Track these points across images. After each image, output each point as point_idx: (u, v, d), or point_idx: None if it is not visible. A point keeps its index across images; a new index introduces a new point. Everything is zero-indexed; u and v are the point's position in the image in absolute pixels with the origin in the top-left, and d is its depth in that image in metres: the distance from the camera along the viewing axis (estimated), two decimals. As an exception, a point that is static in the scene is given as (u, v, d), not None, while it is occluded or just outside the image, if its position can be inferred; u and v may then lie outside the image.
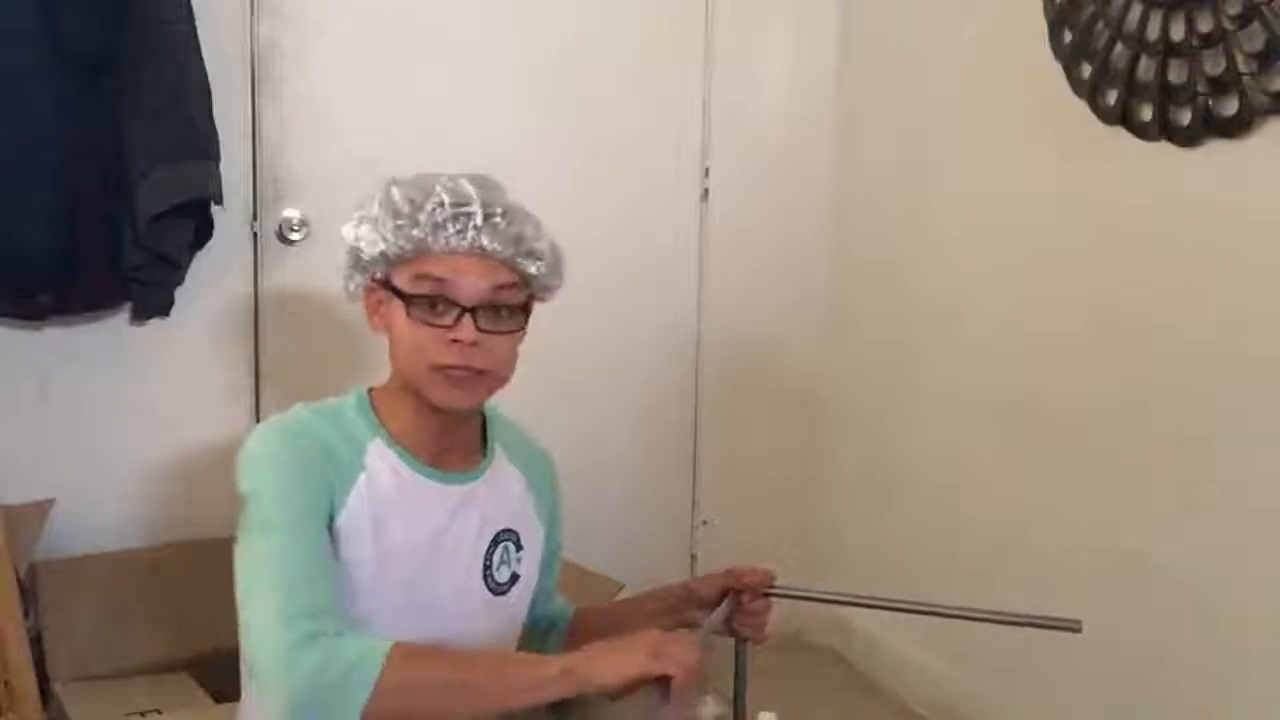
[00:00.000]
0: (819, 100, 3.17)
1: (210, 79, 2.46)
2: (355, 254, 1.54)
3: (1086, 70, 2.37)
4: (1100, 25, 2.31)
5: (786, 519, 3.24)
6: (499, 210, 1.50)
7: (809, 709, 2.89)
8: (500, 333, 1.50)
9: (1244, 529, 2.13)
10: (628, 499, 3.06)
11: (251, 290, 2.68)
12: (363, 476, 1.50)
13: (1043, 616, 1.57)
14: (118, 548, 2.55)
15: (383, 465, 1.53)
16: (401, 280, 1.50)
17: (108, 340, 2.56)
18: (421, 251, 1.49)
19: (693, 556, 3.23)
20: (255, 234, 2.67)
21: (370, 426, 1.55)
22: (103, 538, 2.55)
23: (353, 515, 1.49)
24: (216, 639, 2.44)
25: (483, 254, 1.49)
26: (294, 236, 2.68)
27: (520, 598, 1.67)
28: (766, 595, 1.65)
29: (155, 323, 2.57)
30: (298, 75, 2.67)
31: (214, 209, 2.50)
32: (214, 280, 2.62)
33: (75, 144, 2.35)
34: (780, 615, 1.71)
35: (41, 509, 2.44)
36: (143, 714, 2.25)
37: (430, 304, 1.48)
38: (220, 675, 2.36)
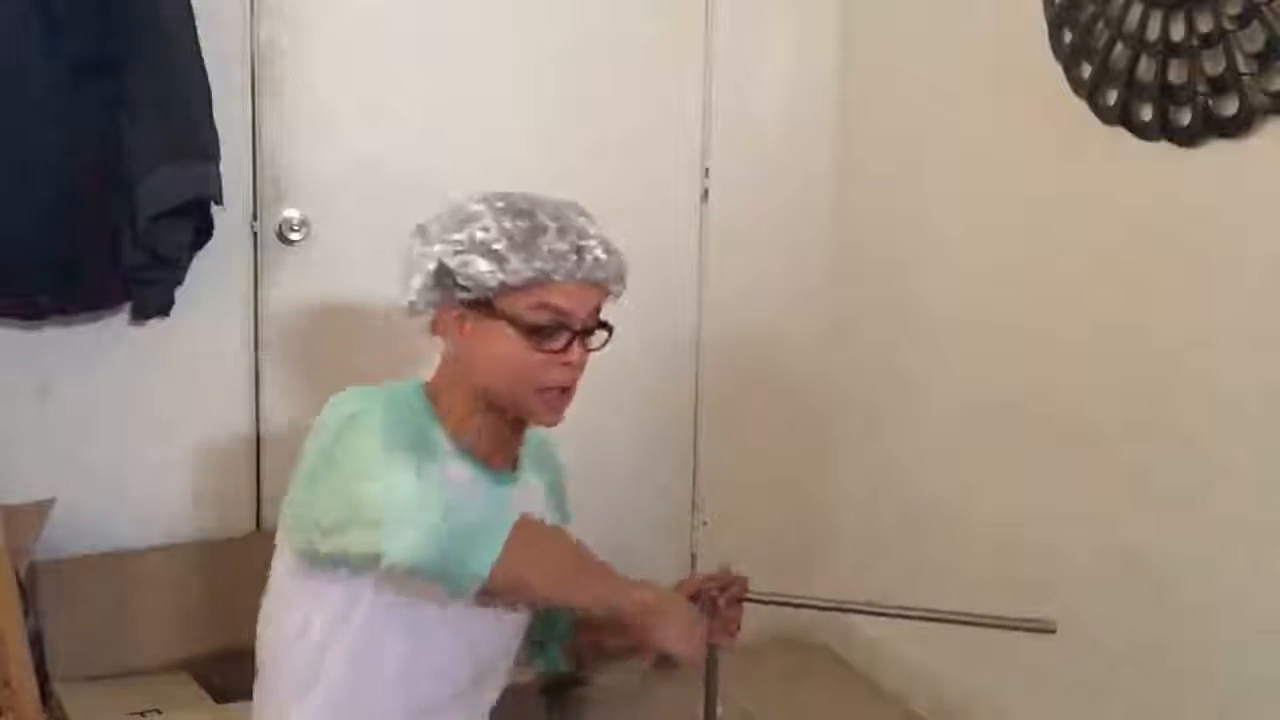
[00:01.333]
0: (819, 100, 3.16)
1: (210, 79, 2.46)
2: (446, 276, 1.55)
3: (1086, 70, 2.37)
4: (1100, 25, 2.31)
5: (787, 520, 3.24)
6: (607, 243, 1.59)
7: (809, 709, 2.90)
8: (594, 350, 1.61)
9: (1244, 529, 2.13)
10: (628, 499, 3.05)
11: (251, 290, 2.68)
12: (442, 460, 1.55)
13: (1015, 618, 1.56)
14: (118, 548, 2.55)
15: (451, 454, 1.58)
16: (516, 308, 1.54)
17: (108, 340, 2.56)
18: (541, 282, 1.53)
19: (693, 556, 3.23)
20: (255, 234, 2.67)
21: (432, 419, 1.59)
22: (103, 538, 2.55)
23: None
24: (216, 639, 2.45)
25: (595, 284, 1.58)
26: (294, 236, 2.68)
27: None
28: (741, 601, 1.70)
29: (155, 323, 2.57)
30: (298, 75, 2.67)
31: (214, 209, 2.49)
32: (214, 280, 2.61)
33: (75, 144, 2.35)
34: (780, 616, 1.71)
35: (41, 509, 2.44)
36: (143, 714, 2.25)
37: (548, 330, 1.55)
38: (220, 675, 2.37)
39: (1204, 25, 2.09)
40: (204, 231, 2.51)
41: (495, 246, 1.53)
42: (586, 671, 1.90)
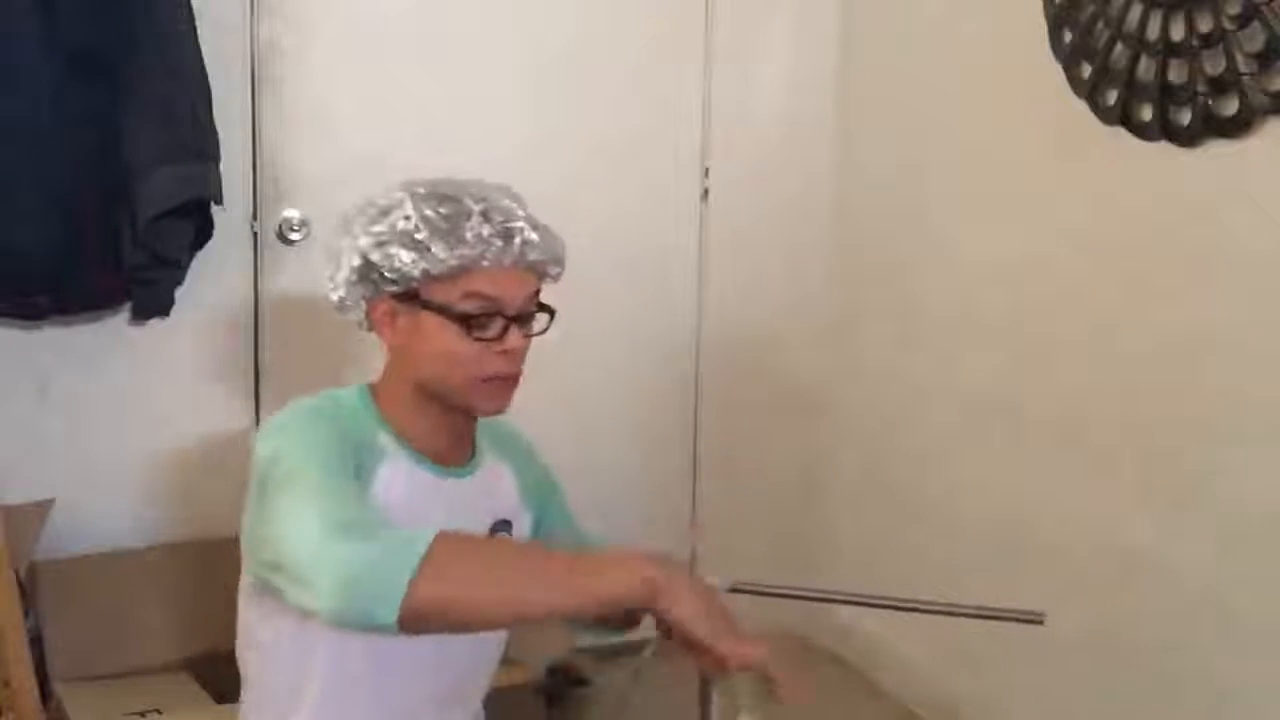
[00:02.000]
0: (819, 100, 3.16)
1: (210, 79, 2.46)
2: (370, 270, 1.50)
3: (1086, 70, 2.37)
4: (1100, 25, 2.31)
5: (786, 519, 3.24)
6: (536, 224, 1.52)
7: (808, 709, 2.89)
8: (532, 336, 1.55)
9: (1244, 529, 2.13)
10: (627, 499, 3.05)
11: (251, 290, 2.68)
12: (387, 463, 1.51)
13: (1004, 609, 1.54)
14: (118, 548, 2.56)
15: (395, 459, 1.53)
16: (446, 297, 1.48)
17: (108, 340, 2.56)
18: (467, 269, 1.48)
19: (693, 556, 3.23)
20: (255, 234, 2.67)
21: (376, 421, 1.55)
22: (103, 538, 2.55)
23: (379, 501, 1.48)
24: (216, 639, 2.44)
25: (526, 267, 1.52)
26: (294, 236, 2.68)
27: None
28: (733, 591, 1.65)
29: (155, 323, 2.57)
30: (298, 75, 2.67)
31: (214, 209, 2.50)
32: (214, 280, 2.62)
33: (75, 144, 2.35)
34: (778, 616, 1.71)
35: (41, 509, 2.44)
36: (143, 714, 2.25)
37: (479, 319, 1.49)
38: (220, 675, 2.36)
39: (1204, 25, 2.09)
40: (204, 231, 2.52)
41: (417, 235, 1.47)
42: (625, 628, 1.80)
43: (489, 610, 1.31)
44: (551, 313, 1.57)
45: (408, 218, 1.48)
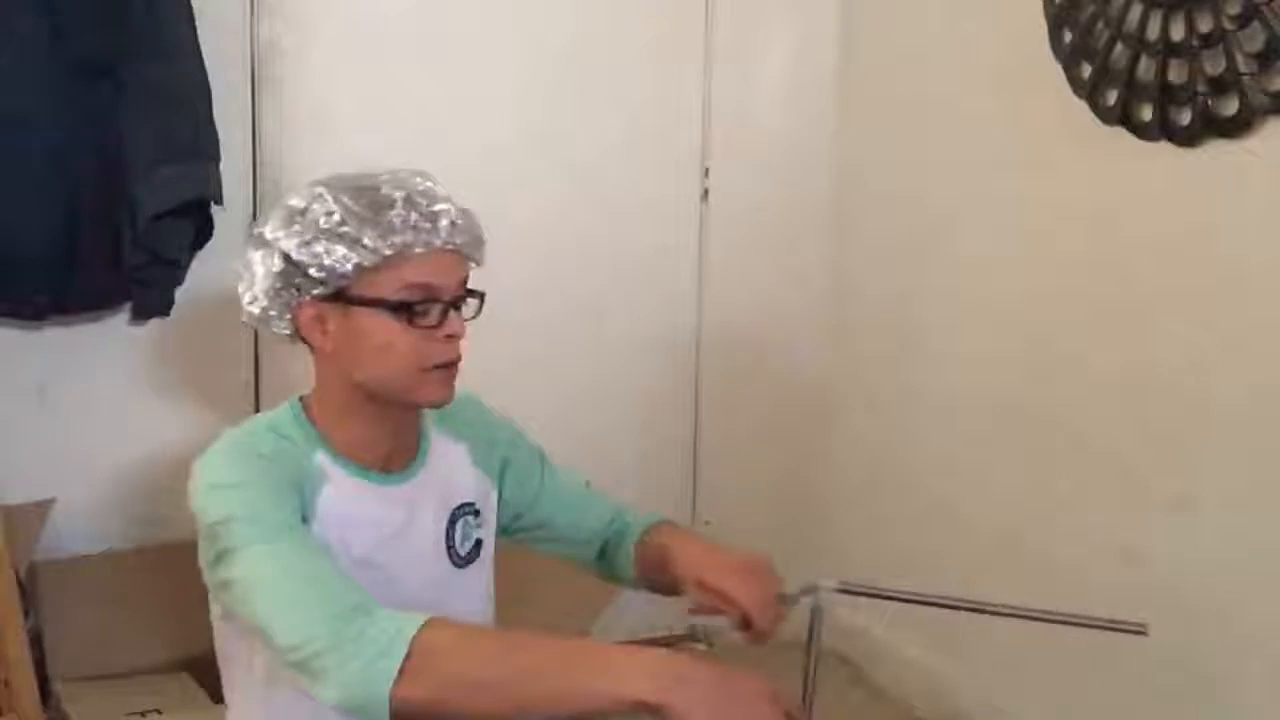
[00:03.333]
0: (819, 100, 3.16)
1: (210, 79, 2.46)
2: (294, 273, 1.42)
3: (1086, 70, 2.37)
4: (1100, 25, 2.31)
5: (786, 519, 3.23)
6: (459, 208, 1.47)
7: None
8: (468, 320, 1.48)
9: (1244, 529, 2.14)
10: (628, 499, 3.05)
11: (251, 290, 2.68)
12: (327, 488, 1.46)
13: (1105, 619, 1.56)
14: (118, 548, 2.55)
15: (335, 476, 1.48)
16: (380, 290, 1.42)
17: (108, 340, 2.56)
18: (400, 257, 1.41)
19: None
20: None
21: (310, 439, 1.49)
22: (103, 538, 2.55)
23: (322, 525, 1.44)
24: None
25: (454, 250, 1.45)
26: (294, 236, 2.68)
27: (486, 562, 1.63)
28: (840, 592, 1.58)
29: (155, 323, 2.57)
30: (298, 75, 2.67)
31: (214, 209, 2.49)
32: (214, 280, 2.61)
33: (75, 144, 2.35)
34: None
35: (41, 509, 2.44)
36: (143, 714, 2.25)
37: (418, 308, 1.43)
38: (220, 675, 2.36)
39: (1204, 25, 2.09)
40: (204, 231, 2.51)
41: (344, 228, 1.39)
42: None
43: (483, 708, 1.23)
44: (481, 297, 1.51)
45: (330, 213, 1.41)
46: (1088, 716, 2.46)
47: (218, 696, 2.31)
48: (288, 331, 1.48)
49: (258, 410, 2.70)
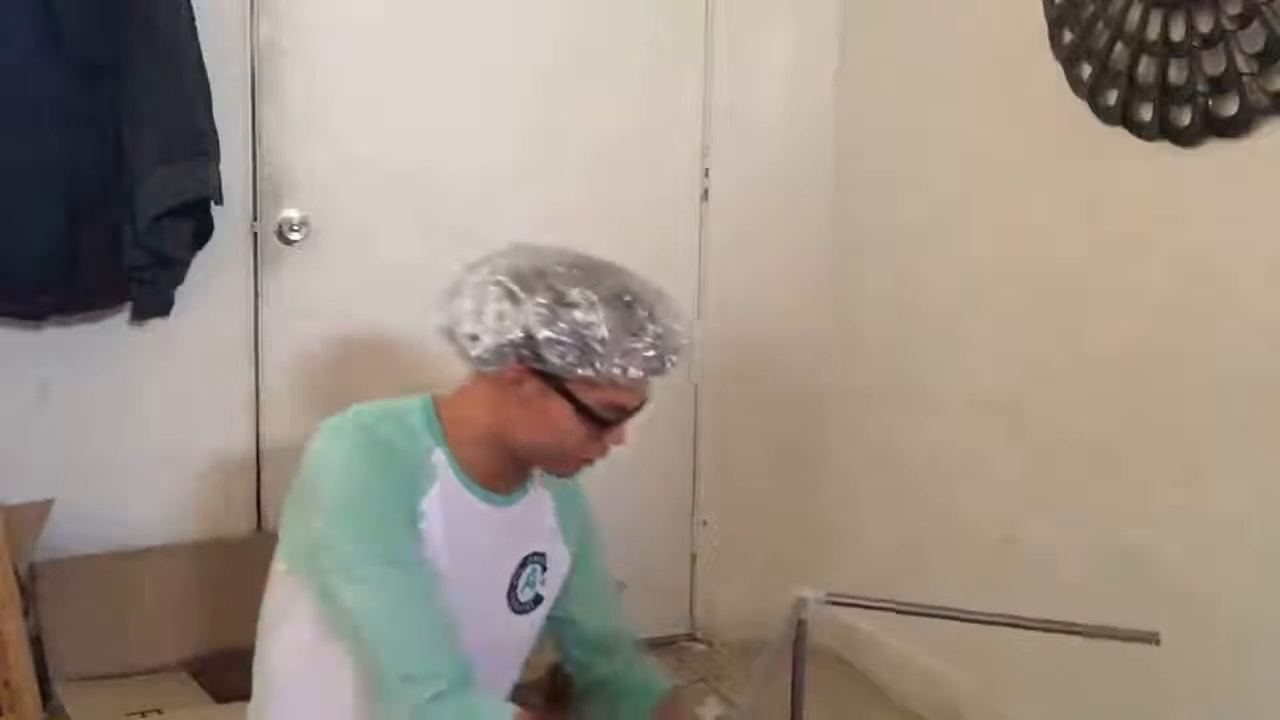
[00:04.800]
0: (819, 100, 3.16)
1: (210, 79, 2.46)
2: (531, 346, 1.47)
3: (1086, 70, 2.37)
4: (1100, 25, 2.31)
5: (786, 519, 3.24)
6: (686, 338, 1.55)
7: (810, 711, 2.89)
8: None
9: (1244, 529, 2.14)
10: (628, 499, 3.05)
11: (251, 290, 2.68)
12: (436, 486, 1.53)
13: (1117, 629, 1.57)
14: (118, 548, 2.55)
15: (444, 476, 1.55)
16: (589, 398, 1.50)
17: (108, 340, 2.56)
18: (620, 382, 1.49)
19: (693, 556, 3.23)
20: (255, 234, 2.67)
21: (435, 438, 1.56)
22: (103, 538, 2.55)
23: (430, 522, 1.52)
24: (216, 639, 2.45)
25: (661, 375, 1.53)
26: (294, 236, 2.68)
27: (539, 617, 1.70)
28: (829, 604, 1.63)
29: (155, 323, 2.57)
30: (297, 75, 2.67)
31: (214, 209, 2.49)
32: (214, 280, 2.61)
33: (75, 144, 2.35)
34: (778, 616, 1.70)
35: (41, 509, 2.44)
36: (143, 714, 2.25)
37: (609, 423, 1.53)
38: (220, 675, 2.36)
39: (1204, 25, 2.09)
40: (204, 231, 2.51)
41: (592, 341, 1.46)
42: None
43: None
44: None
45: (589, 318, 1.46)
46: (1086, 715, 2.46)
47: (218, 696, 2.32)
48: (486, 370, 1.52)
49: (257, 410, 2.71)
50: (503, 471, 1.60)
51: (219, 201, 2.48)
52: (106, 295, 2.49)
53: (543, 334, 1.46)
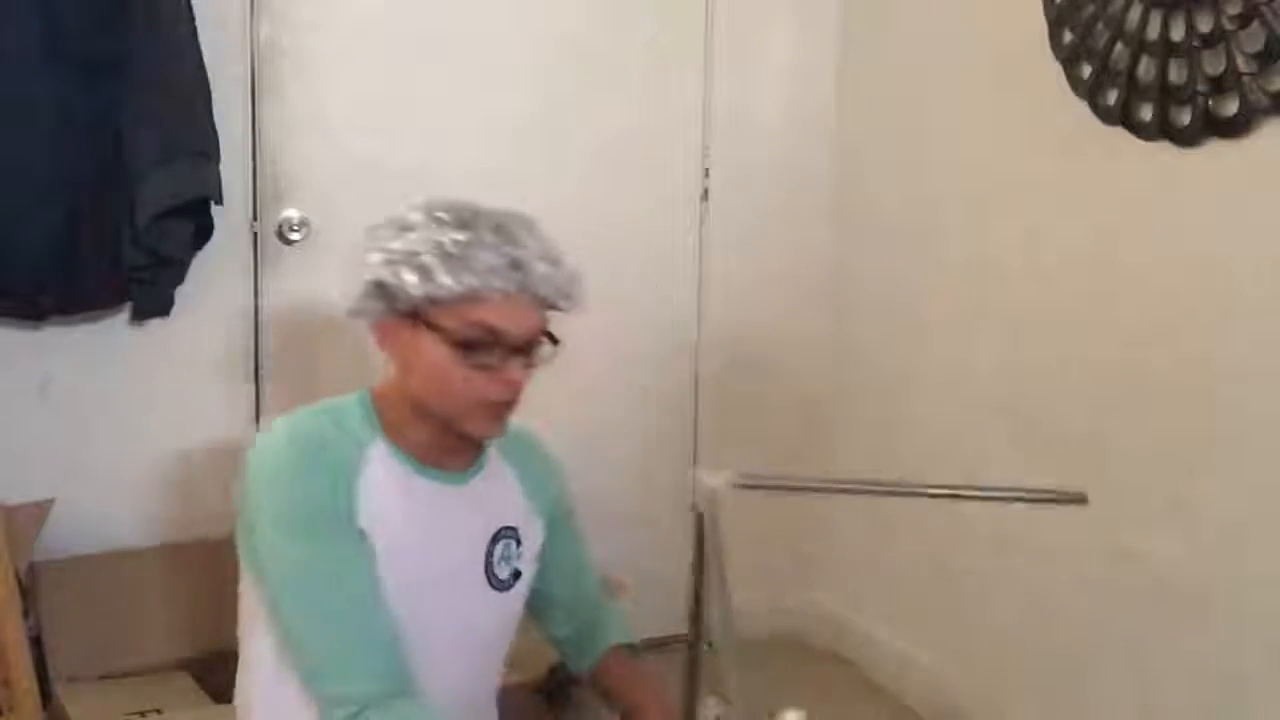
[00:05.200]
0: (819, 100, 3.17)
1: (210, 79, 2.46)
2: (382, 289, 1.50)
3: (1086, 70, 2.37)
4: (1100, 25, 2.31)
5: (786, 519, 3.24)
6: (551, 258, 1.52)
7: (809, 710, 2.89)
8: (536, 366, 1.54)
9: (1243, 529, 2.14)
10: (628, 498, 3.06)
11: (251, 290, 2.68)
12: (369, 475, 1.52)
13: (1043, 490, 1.54)
14: (118, 548, 2.55)
15: (387, 466, 1.54)
16: (448, 322, 1.48)
17: (108, 340, 2.56)
18: (472, 298, 1.47)
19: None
20: (255, 234, 2.67)
21: (373, 428, 1.56)
22: (103, 538, 2.55)
23: (368, 515, 1.51)
24: (216, 639, 2.45)
25: (533, 299, 1.50)
26: (294, 236, 2.68)
27: (520, 593, 1.69)
28: (738, 487, 1.65)
29: (155, 323, 2.57)
30: (297, 75, 2.67)
31: (214, 209, 2.50)
32: (214, 280, 2.62)
33: (75, 144, 2.35)
34: (778, 616, 1.70)
35: (41, 509, 2.44)
36: (143, 714, 2.25)
37: (477, 347, 1.49)
38: (220, 675, 2.36)
39: (1204, 25, 2.09)
40: (204, 231, 2.51)
41: (423, 260, 1.46)
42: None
43: None
44: (556, 342, 1.57)
45: (420, 241, 1.47)
46: (1085, 715, 2.46)
47: (218, 696, 2.32)
48: (360, 320, 1.55)
49: (258, 410, 2.71)
50: (445, 445, 1.57)
51: (219, 201, 2.48)
52: (106, 295, 2.49)
53: (385, 269, 1.48)
